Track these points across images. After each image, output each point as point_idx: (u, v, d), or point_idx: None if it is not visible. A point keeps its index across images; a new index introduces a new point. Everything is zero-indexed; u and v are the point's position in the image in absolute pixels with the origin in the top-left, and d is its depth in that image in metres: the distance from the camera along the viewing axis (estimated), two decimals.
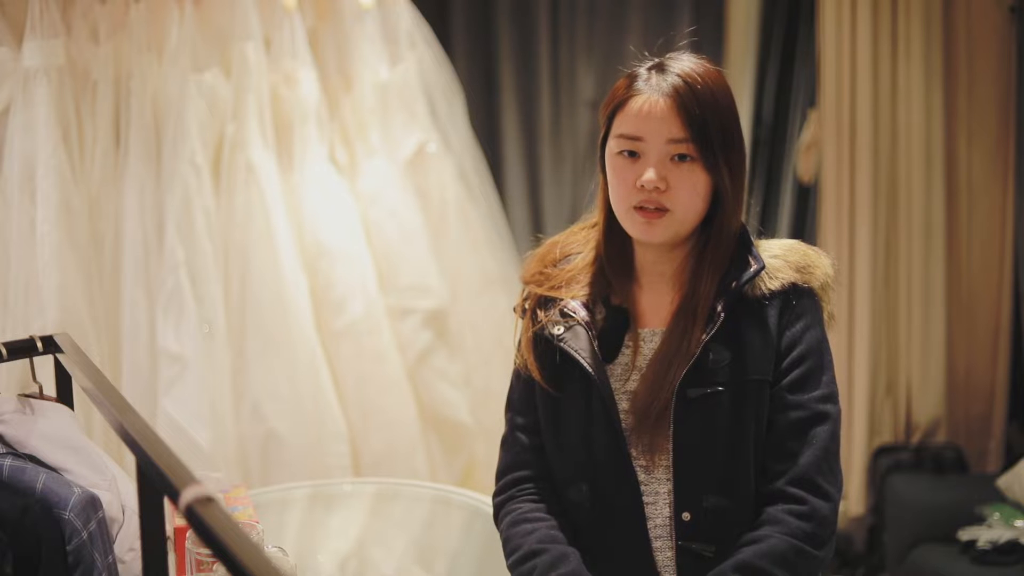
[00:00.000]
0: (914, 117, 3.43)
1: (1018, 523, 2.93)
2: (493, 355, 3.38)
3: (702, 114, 1.46)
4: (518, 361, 1.63)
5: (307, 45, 3.15)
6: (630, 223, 1.51)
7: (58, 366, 1.77)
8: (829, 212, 3.52)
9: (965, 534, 2.98)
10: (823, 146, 3.53)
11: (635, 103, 1.49)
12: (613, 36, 4.13)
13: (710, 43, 4.05)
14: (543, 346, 1.58)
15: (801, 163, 3.81)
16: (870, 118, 3.44)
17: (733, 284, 1.51)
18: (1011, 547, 2.88)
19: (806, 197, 3.88)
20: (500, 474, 1.66)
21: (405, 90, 3.35)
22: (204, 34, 2.99)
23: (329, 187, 3.17)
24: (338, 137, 3.27)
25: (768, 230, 3.90)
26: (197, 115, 2.91)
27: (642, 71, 1.52)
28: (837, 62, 3.45)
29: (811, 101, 3.76)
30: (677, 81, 1.47)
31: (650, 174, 1.46)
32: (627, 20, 4.12)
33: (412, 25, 3.42)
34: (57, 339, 1.75)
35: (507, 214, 3.89)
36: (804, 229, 3.88)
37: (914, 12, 3.39)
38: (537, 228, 4.06)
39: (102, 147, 2.84)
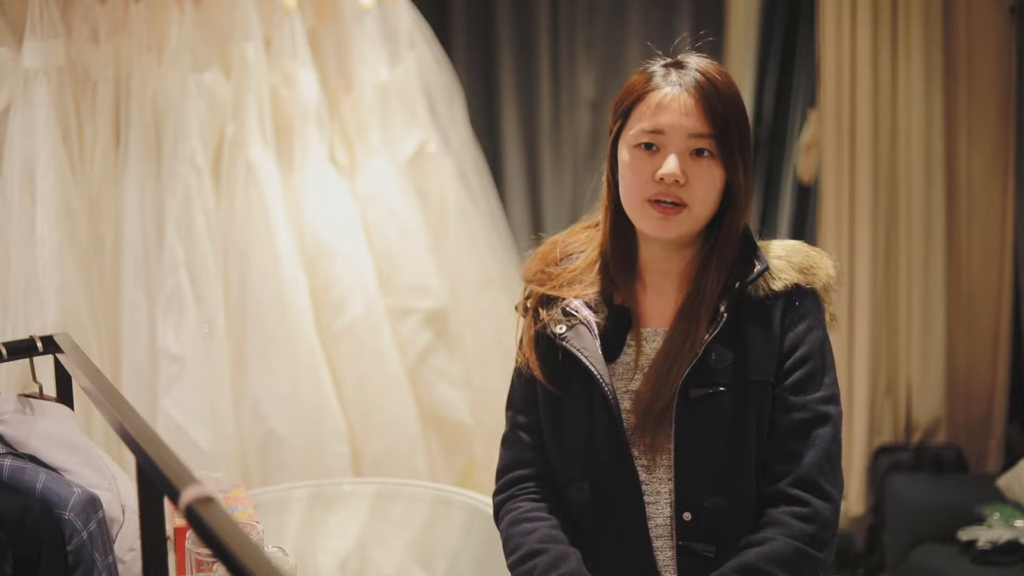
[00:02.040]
0: (914, 117, 3.42)
1: (1018, 523, 2.93)
2: (493, 355, 3.38)
3: (724, 111, 1.47)
4: (519, 360, 1.62)
5: (307, 45, 3.15)
6: (643, 217, 1.51)
7: (58, 366, 1.77)
8: (829, 212, 3.52)
9: (965, 534, 2.98)
10: (823, 146, 3.53)
11: (656, 96, 1.49)
12: (613, 36, 4.13)
13: (710, 43, 4.04)
14: (545, 345, 1.58)
15: (801, 163, 3.81)
16: (870, 118, 3.43)
17: (737, 284, 1.50)
18: (1011, 547, 2.88)
19: (806, 197, 3.88)
20: (500, 473, 1.65)
21: (405, 90, 3.34)
22: (204, 34, 2.98)
23: (329, 187, 3.17)
24: (338, 137, 3.27)
25: (768, 230, 3.90)
26: (197, 115, 2.91)
27: (658, 68, 1.53)
28: (837, 62, 3.44)
29: (811, 101, 3.76)
30: (699, 77, 1.48)
31: (671, 165, 1.46)
32: (627, 20, 4.12)
33: (412, 25, 3.42)
34: (57, 339, 1.75)
35: (507, 214, 3.89)
36: (804, 229, 3.88)
37: (914, 12, 3.39)
38: (537, 228, 4.06)
39: (102, 147, 2.84)
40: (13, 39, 2.74)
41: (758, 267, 1.51)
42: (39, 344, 1.75)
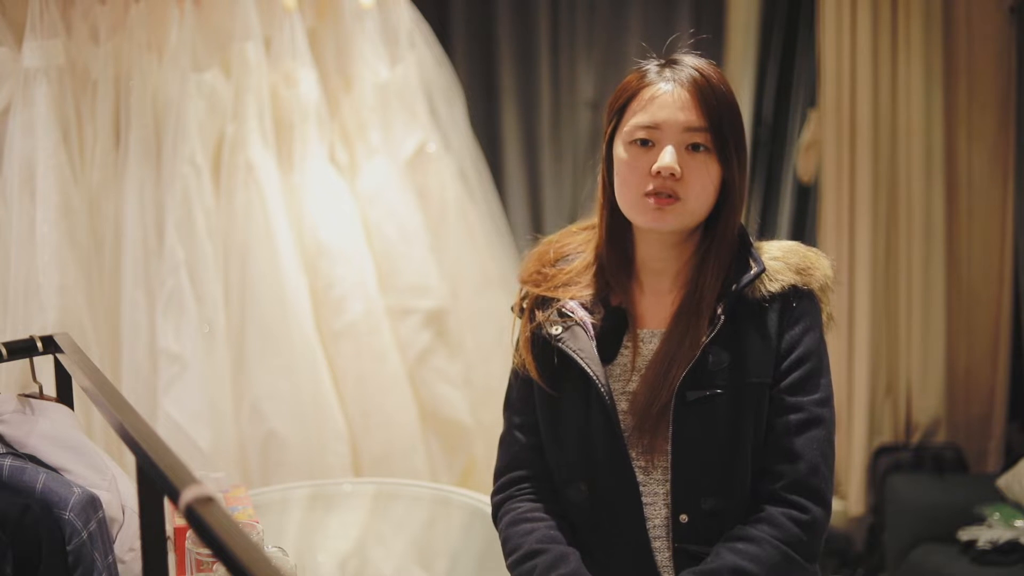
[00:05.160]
0: (914, 117, 3.42)
1: (1018, 523, 2.93)
2: (493, 355, 3.38)
3: (719, 106, 1.48)
4: (516, 361, 1.63)
5: (307, 45, 3.15)
6: (640, 211, 1.51)
7: (58, 366, 1.77)
8: (829, 212, 3.52)
9: (965, 534, 2.98)
10: (823, 146, 3.53)
11: (650, 92, 1.50)
12: (613, 36, 4.13)
13: (710, 43, 4.05)
14: (541, 346, 1.58)
15: (801, 163, 3.81)
16: (870, 118, 3.43)
17: (733, 287, 1.50)
18: (1011, 547, 2.88)
19: (806, 197, 3.88)
20: (498, 473, 1.66)
21: (405, 90, 3.34)
22: (204, 34, 2.98)
23: (329, 187, 3.17)
24: (338, 137, 3.27)
25: (768, 230, 3.91)
26: (197, 115, 2.91)
27: (652, 67, 1.53)
28: (837, 62, 3.44)
29: (811, 101, 3.76)
30: (694, 73, 1.49)
31: (667, 158, 1.46)
32: (627, 20, 4.12)
33: (412, 25, 3.42)
34: (57, 339, 1.75)
35: (507, 214, 3.89)
36: (804, 229, 3.88)
37: (914, 12, 3.39)
38: (537, 228, 4.06)
39: (102, 147, 2.84)
40: (13, 39, 2.74)
41: (755, 269, 1.51)
42: (39, 344, 1.75)
